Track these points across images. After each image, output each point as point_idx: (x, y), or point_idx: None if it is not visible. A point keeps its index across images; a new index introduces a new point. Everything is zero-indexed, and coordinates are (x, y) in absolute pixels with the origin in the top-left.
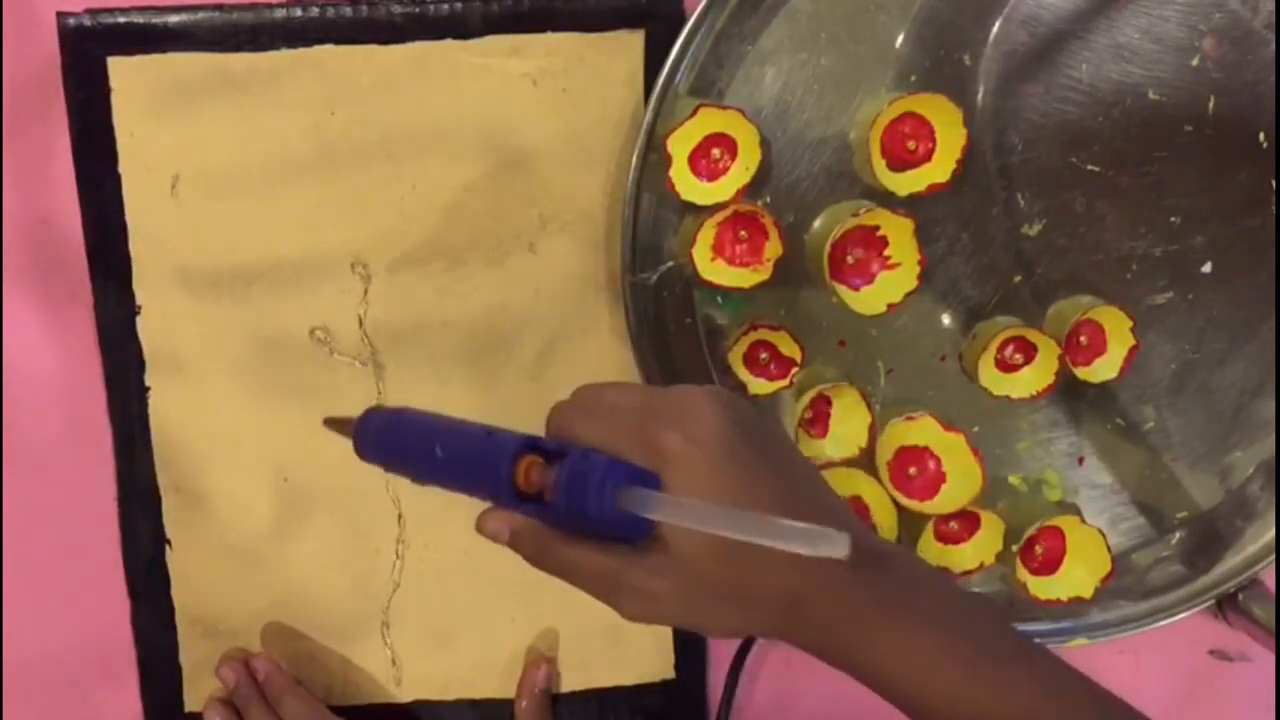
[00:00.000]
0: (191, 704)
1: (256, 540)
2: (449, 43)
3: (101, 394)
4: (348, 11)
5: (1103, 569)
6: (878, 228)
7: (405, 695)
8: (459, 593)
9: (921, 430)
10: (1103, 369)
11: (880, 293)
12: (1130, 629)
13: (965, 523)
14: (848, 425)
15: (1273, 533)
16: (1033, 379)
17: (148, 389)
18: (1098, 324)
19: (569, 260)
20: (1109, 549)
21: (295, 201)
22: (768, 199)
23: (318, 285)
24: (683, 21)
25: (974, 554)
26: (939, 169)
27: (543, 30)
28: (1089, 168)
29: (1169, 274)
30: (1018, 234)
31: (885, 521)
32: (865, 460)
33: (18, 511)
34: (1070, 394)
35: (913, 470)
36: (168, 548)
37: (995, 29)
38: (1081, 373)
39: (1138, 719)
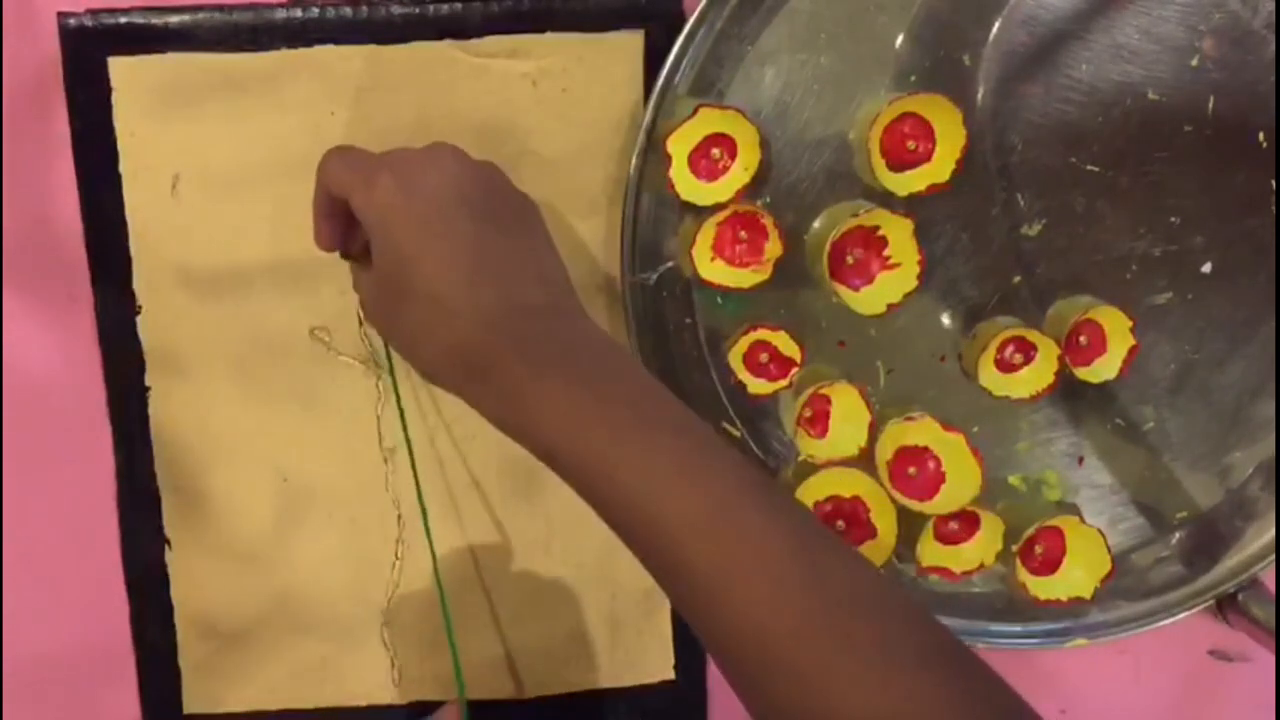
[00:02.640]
0: (191, 704)
1: (256, 540)
2: (449, 43)
3: (101, 394)
4: (348, 11)
5: (1103, 569)
6: (878, 228)
7: (405, 695)
8: (459, 593)
9: (921, 430)
10: (1103, 369)
11: (880, 293)
12: (1130, 629)
13: (965, 523)
14: (847, 425)
15: (1273, 533)
16: (1032, 379)
17: (148, 389)
18: (1098, 324)
19: (569, 260)
20: (1109, 549)
21: (295, 201)
22: (768, 199)
23: (318, 285)
24: (683, 21)
25: (974, 554)
26: (939, 169)
27: (543, 30)
28: (1089, 168)
29: (1169, 274)
30: (1017, 234)
31: (885, 521)
32: (865, 460)
33: (18, 511)
34: (1070, 394)
35: (912, 470)
36: (167, 548)
37: (995, 29)
38: (1081, 373)
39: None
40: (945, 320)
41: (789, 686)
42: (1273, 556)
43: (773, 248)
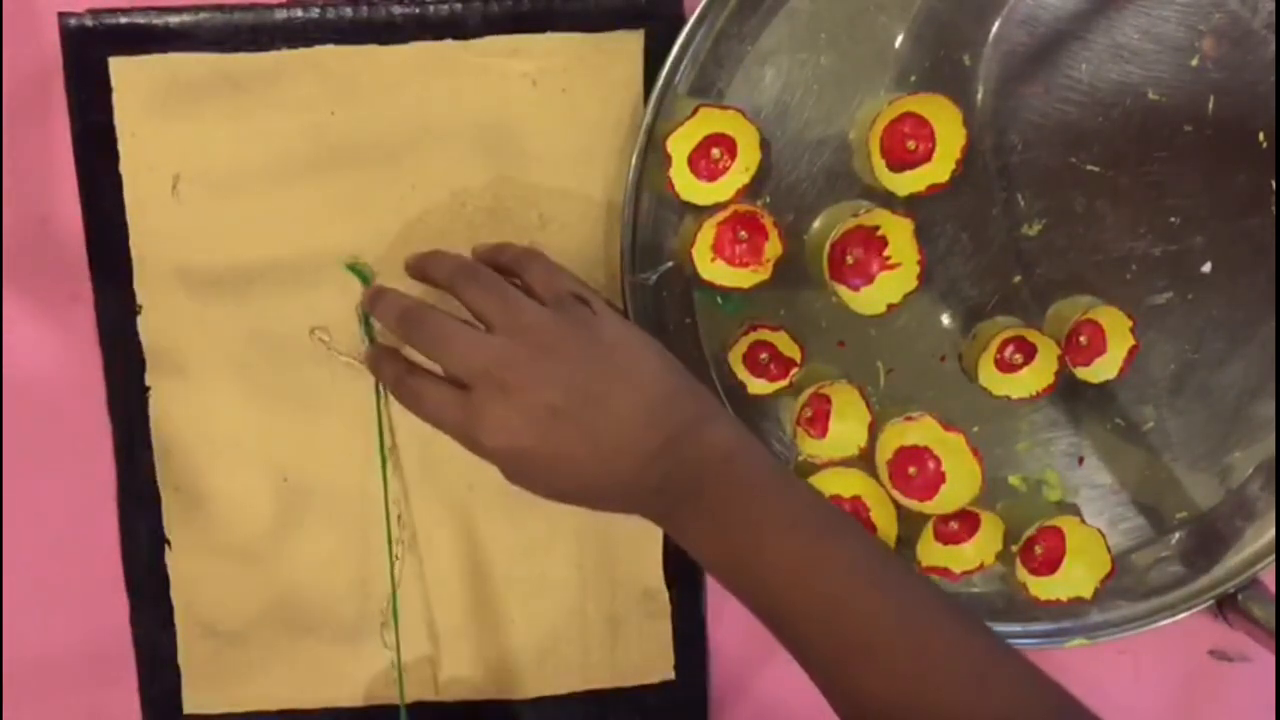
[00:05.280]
0: (191, 704)
1: (256, 540)
2: (449, 43)
3: (101, 394)
4: (348, 11)
5: (1103, 569)
6: (878, 228)
7: (405, 695)
8: (459, 593)
9: (921, 430)
10: (1103, 369)
11: (880, 293)
12: (1130, 629)
13: (965, 523)
14: (847, 425)
15: (1273, 533)
16: (1032, 379)
17: (148, 389)
18: (1098, 324)
19: (569, 261)
20: (1109, 549)
21: (296, 201)
22: (768, 199)
23: (318, 285)
24: (683, 21)
25: (974, 554)
26: (939, 169)
27: (543, 30)
28: (1089, 168)
29: (1169, 274)
30: (1017, 234)
31: (885, 521)
32: (865, 460)
33: (18, 511)
34: (1070, 394)
35: (912, 470)
36: (167, 548)
37: (995, 29)
38: (1081, 373)
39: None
40: (945, 320)
41: None
42: (1273, 556)
43: (773, 248)
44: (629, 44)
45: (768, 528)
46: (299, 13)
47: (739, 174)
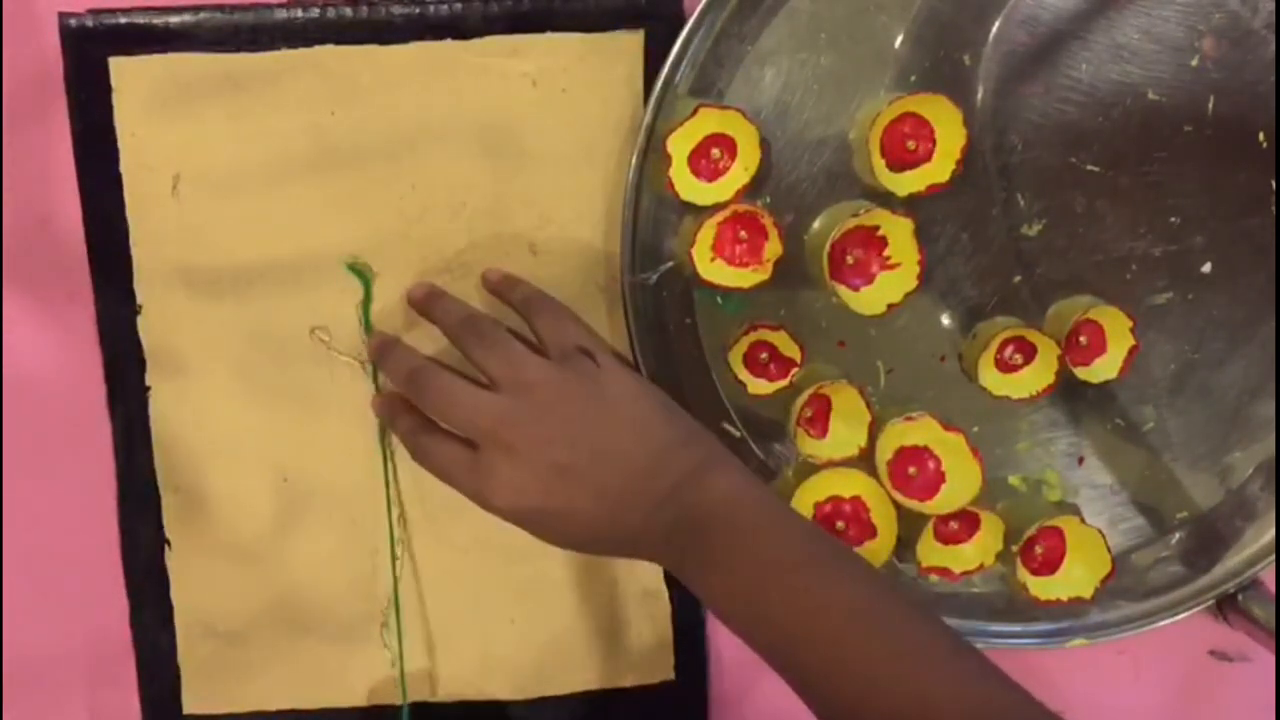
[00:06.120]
0: (191, 704)
1: (256, 540)
2: (449, 43)
3: (101, 394)
4: (348, 11)
5: (1103, 569)
6: (877, 228)
7: (404, 695)
8: (458, 593)
9: (921, 430)
10: (1103, 369)
11: (880, 293)
12: (1130, 629)
13: (965, 523)
14: (847, 425)
15: (1273, 533)
16: (1033, 379)
17: (148, 389)
18: (1098, 324)
19: (569, 260)
20: (1109, 549)
21: (295, 201)
22: (768, 199)
23: (318, 285)
24: (683, 21)
25: (974, 554)
26: (939, 169)
27: (543, 30)
28: (1089, 168)
29: (1169, 274)
30: (1018, 234)
31: (885, 521)
32: (865, 460)
33: (18, 511)
34: (1070, 394)
35: (912, 470)
36: (167, 548)
37: (995, 29)
38: (1081, 373)
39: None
40: (945, 320)
41: None
42: (1273, 556)
43: (773, 248)
44: (629, 44)
45: (773, 570)
46: (299, 13)
47: (739, 174)
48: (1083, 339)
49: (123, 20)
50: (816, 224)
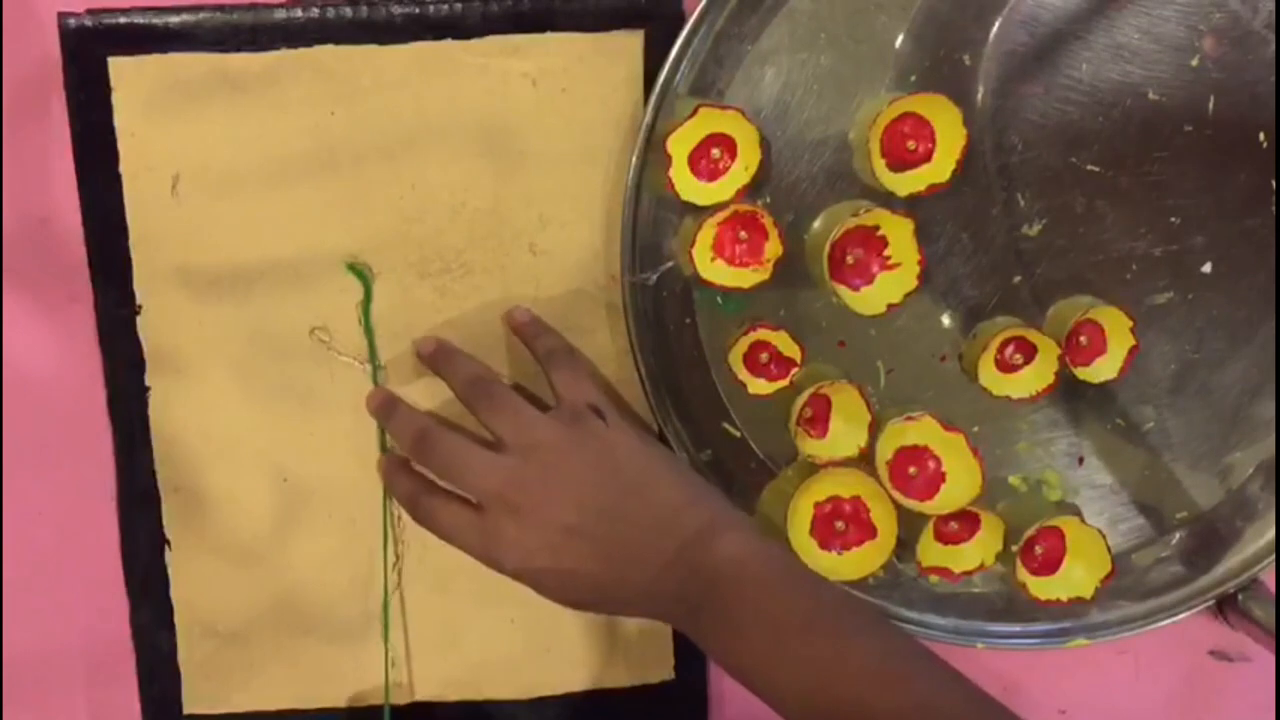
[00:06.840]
0: (191, 704)
1: (256, 540)
2: (449, 43)
3: (101, 394)
4: (348, 11)
5: (1103, 569)
6: (877, 228)
7: (405, 695)
8: (459, 593)
9: (921, 430)
10: (1103, 369)
11: (880, 293)
12: (1130, 629)
13: (965, 523)
14: (847, 425)
15: (1273, 533)
16: (1033, 379)
17: (148, 389)
18: (1098, 324)
19: (569, 260)
20: (1109, 549)
21: (295, 201)
22: (768, 199)
23: (317, 285)
24: (683, 21)
25: (974, 554)
26: (939, 169)
27: (543, 30)
28: (1089, 168)
29: (1169, 274)
30: (1018, 234)
31: (885, 521)
32: (865, 460)
33: (18, 511)
34: (1070, 394)
35: (912, 470)
36: (167, 548)
37: (995, 29)
38: (1081, 373)
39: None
40: (945, 320)
41: None
42: (1273, 556)
43: (773, 248)
44: (629, 44)
45: (785, 630)
46: (299, 13)
47: (739, 174)
48: (1083, 339)
49: (122, 20)
50: (816, 224)
